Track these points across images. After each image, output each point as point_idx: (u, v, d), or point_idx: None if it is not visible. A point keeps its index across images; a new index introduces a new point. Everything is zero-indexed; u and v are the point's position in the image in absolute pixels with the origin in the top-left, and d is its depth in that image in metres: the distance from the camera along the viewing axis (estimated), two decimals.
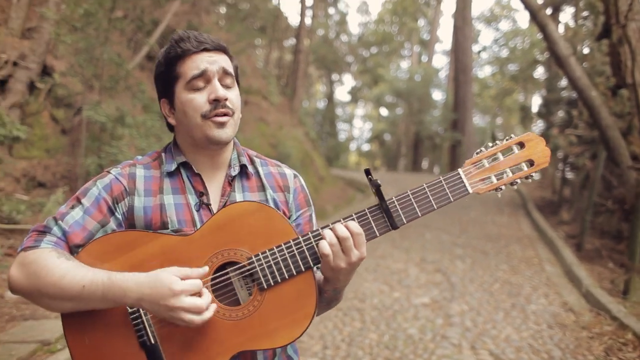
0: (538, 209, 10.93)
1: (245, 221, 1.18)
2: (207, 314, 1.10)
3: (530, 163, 1.22)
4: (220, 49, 1.29)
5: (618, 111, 9.53)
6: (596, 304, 4.73)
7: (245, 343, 1.15)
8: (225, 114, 1.25)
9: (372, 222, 1.19)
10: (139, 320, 1.16)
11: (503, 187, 1.21)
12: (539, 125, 15.32)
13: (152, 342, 1.15)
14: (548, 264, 6.53)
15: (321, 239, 1.16)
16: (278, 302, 1.16)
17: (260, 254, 1.17)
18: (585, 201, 8.11)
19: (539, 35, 18.95)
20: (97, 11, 6.72)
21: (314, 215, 1.46)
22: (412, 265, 6.33)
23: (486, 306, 4.78)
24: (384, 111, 33.69)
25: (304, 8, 17.47)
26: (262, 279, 1.16)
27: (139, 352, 1.16)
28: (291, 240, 1.17)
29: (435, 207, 1.19)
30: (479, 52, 31.58)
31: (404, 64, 35.16)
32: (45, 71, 7.44)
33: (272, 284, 1.16)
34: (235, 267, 1.18)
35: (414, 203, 1.18)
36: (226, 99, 1.25)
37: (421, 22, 33.61)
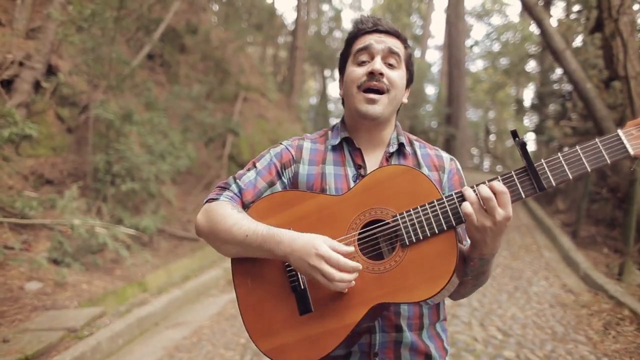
0: (534, 199, 11.18)
1: (392, 182, 1.25)
2: (340, 285, 1.16)
3: None
4: (394, 34, 1.37)
5: (611, 103, 9.78)
6: (594, 285, 4.96)
7: (385, 295, 1.20)
8: (378, 89, 1.33)
9: (517, 182, 1.16)
10: (292, 268, 1.28)
11: None
12: (532, 118, 15.59)
13: (302, 287, 1.28)
14: (546, 250, 6.77)
15: (464, 199, 1.17)
16: (419, 258, 1.20)
17: (404, 212, 1.21)
18: (580, 190, 8.36)
19: (533, 29, 19.20)
20: (104, 11, 6.84)
21: None
22: None
23: (490, 289, 5.00)
24: None
25: (300, 4, 17.60)
26: (405, 236, 1.20)
27: (290, 295, 1.29)
28: (435, 200, 1.20)
29: (588, 168, 1.12)
30: (472, 46, 31.84)
31: None
32: (50, 71, 7.52)
33: (414, 241, 1.20)
34: (381, 224, 1.25)
35: (565, 164, 1.13)
36: (382, 74, 1.32)
37: (414, 18, 33.78)
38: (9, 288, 4.63)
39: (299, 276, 1.28)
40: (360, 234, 1.25)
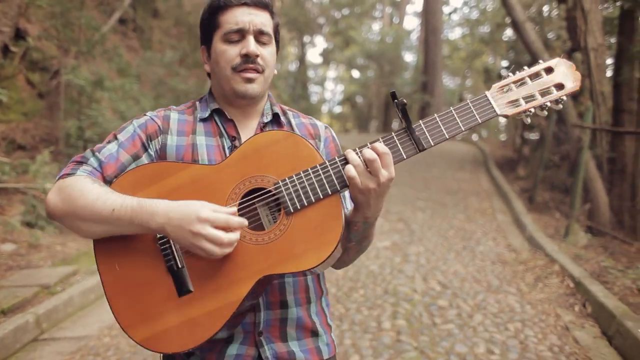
0: (498, 166, 11.65)
1: (272, 149, 1.21)
2: (228, 249, 1.11)
3: (560, 87, 1.20)
4: (261, 5, 1.31)
5: None
6: (536, 245, 5.41)
7: (271, 267, 1.15)
8: (254, 70, 1.29)
9: (398, 144, 1.18)
10: (167, 246, 1.20)
11: (532, 111, 1.19)
12: None
13: (179, 266, 1.18)
14: (500, 214, 7.22)
15: (347, 162, 1.16)
16: (304, 225, 1.17)
17: (287, 179, 1.18)
18: (538, 158, 8.80)
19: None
20: None
21: None
22: None
23: (440, 248, 5.42)
24: (355, 73, 33.83)
25: None
26: (289, 203, 1.17)
27: (166, 276, 1.19)
28: (317, 165, 1.19)
29: (462, 128, 1.18)
30: (450, 14, 31.83)
31: (376, 26, 35.16)
32: (19, 35, 7.48)
33: (299, 207, 1.17)
34: (262, 192, 1.21)
35: (441, 125, 1.18)
36: (257, 56, 1.28)
37: None
38: None
39: (175, 254, 1.20)
40: (240, 203, 1.21)
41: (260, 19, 1.29)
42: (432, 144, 1.19)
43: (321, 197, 1.17)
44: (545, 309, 3.74)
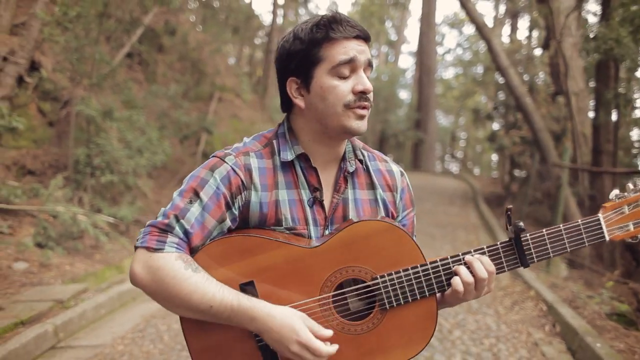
0: (486, 201, 12.10)
1: (373, 240, 1.18)
2: None
3: None
4: (368, 40, 1.23)
5: (556, 115, 10.75)
6: (515, 274, 5.78)
7: (360, 357, 1.18)
8: (366, 108, 1.22)
9: (502, 257, 1.18)
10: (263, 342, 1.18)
11: (639, 237, 1.17)
12: (494, 126, 16.60)
13: (272, 350, 1.18)
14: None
15: (453, 274, 1.18)
16: (397, 322, 1.18)
17: (386, 275, 1.17)
18: (523, 194, 9.28)
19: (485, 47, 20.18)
20: (88, 14, 7.35)
21: (415, 215, 1.46)
22: None
23: None
24: None
25: (276, 8, 18.21)
26: (385, 300, 1.17)
27: (256, 352, 1.19)
28: (419, 266, 1.19)
29: (568, 249, 1.17)
30: (444, 54, 32.96)
31: None
32: (34, 66, 7.94)
33: (395, 305, 1.17)
34: (361, 285, 1.20)
35: (548, 244, 1.17)
36: (371, 92, 1.23)
37: (389, 24, 34.70)
38: None
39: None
40: (334, 295, 1.20)
41: (368, 53, 1.23)
42: (535, 261, 1.19)
43: (418, 298, 1.19)
44: (519, 327, 4.11)
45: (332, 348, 1.12)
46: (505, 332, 4.02)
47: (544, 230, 1.17)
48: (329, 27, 1.19)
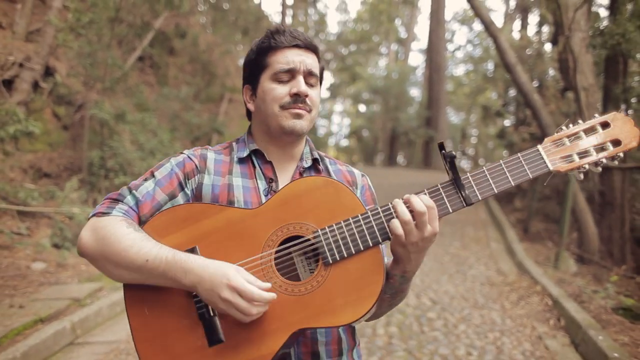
0: (496, 198, 12.08)
1: (312, 195, 1.16)
2: (255, 317, 1.10)
3: (616, 143, 1.14)
4: (311, 49, 1.33)
5: (565, 111, 10.70)
6: (523, 270, 5.82)
7: (306, 320, 1.11)
8: (302, 109, 1.29)
9: (444, 197, 1.14)
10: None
11: (586, 167, 1.14)
12: (505, 123, 16.52)
13: (211, 314, 1.15)
14: (494, 242, 7.64)
15: (392, 216, 1.12)
16: (343, 278, 1.12)
17: (326, 227, 1.14)
18: (532, 190, 9.27)
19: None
20: (100, 20, 7.51)
21: None
22: None
23: (435, 271, 5.85)
24: (362, 107, 34.68)
25: (285, 8, 18.36)
26: (328, 254, 1.12)
27: (197, 325, 1.16)
28: (359, 215, 1.14)
29: (512, 182, 1.14)
30: (454, 51, 32.80)
31: (382, 62, 36.20)
32: (48, 72, 8.13)
33: (338, 258, 1.12)
34: (300, 240, 1.16)
35: (490, 179, 1.14)
36: (307, 95, 1.29)
37: (398, 22, 34.63)
38: (17, 267, 5.31)
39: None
40: (277, 252, 1.16)
41: (309, 60, 1.32)
42: (479, 198, 1.15)
43: (362, 248, 1.13)
44: (524, 322, 4.17)
45: (268, 294, 1.08)
46: (509, 326, 4.09)
47: (483, 166, 1.16)
48: (272, 37, 1.32)
